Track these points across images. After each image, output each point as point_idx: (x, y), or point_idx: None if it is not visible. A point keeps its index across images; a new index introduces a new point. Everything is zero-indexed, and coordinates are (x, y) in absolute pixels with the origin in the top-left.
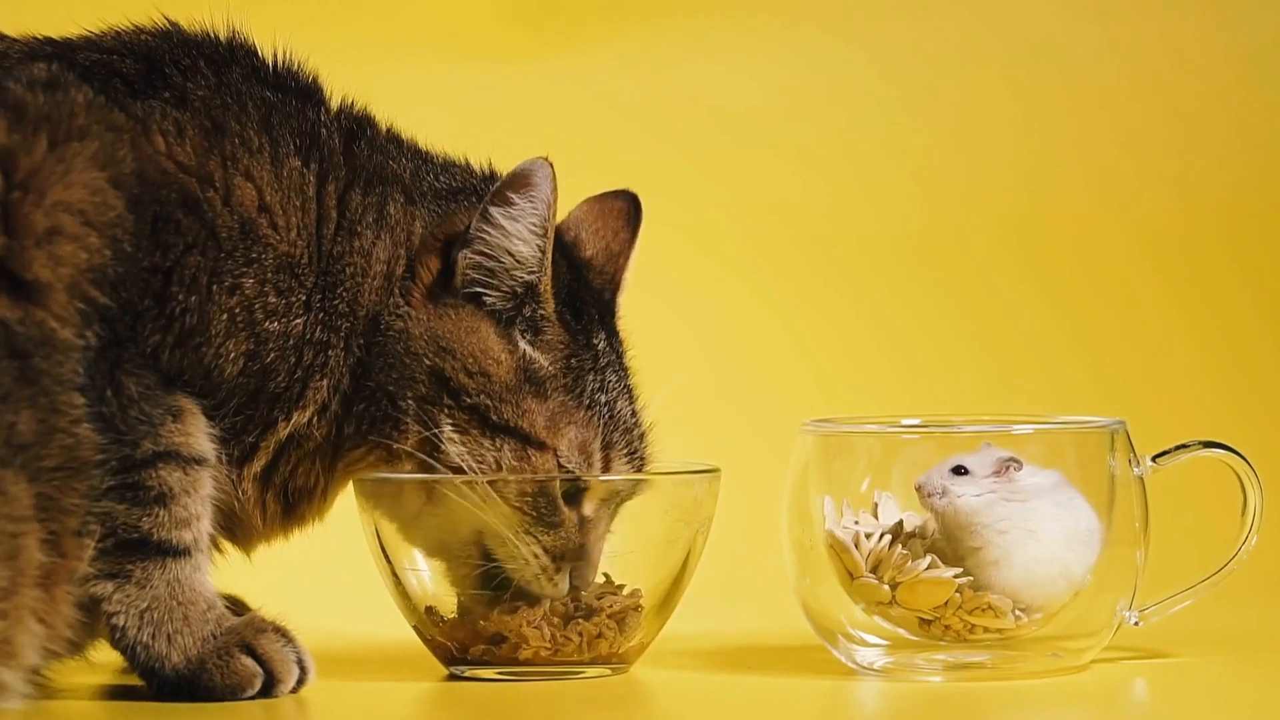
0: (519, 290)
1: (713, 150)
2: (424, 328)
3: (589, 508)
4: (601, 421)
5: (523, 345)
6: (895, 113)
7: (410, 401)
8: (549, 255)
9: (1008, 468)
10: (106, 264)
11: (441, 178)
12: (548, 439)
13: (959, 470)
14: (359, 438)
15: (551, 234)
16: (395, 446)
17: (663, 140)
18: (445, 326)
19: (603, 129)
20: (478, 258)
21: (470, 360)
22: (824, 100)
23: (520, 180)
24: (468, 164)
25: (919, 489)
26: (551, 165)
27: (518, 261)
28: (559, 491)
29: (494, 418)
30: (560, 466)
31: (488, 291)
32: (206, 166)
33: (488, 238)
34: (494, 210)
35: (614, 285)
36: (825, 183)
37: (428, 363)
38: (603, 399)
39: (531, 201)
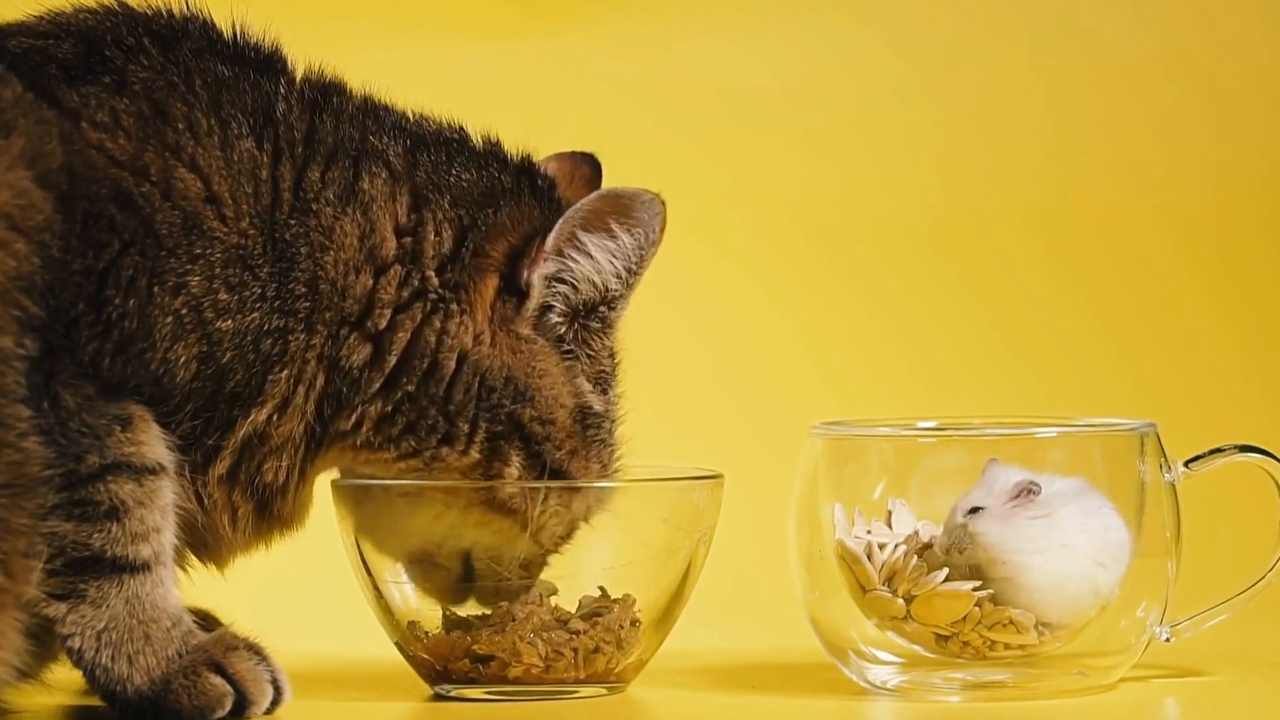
0: (595, 324)
1: (717, 134)
2: (498, 361)
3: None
4: (607, 450)
5: (582, 386)
6: (912, 94)
7: (480, 429)
8: (629, 295)
9: (1028, 492)
10: (35, 271)
11: (465, 174)
12: (582, 477)
13: (975, 511)
14: (388, 442)
15: (642, 276)
16: (453, 464)
17: (664, 124)
18: (520, 366)
19: (600, 112)
20: (561, 287)
21: (545, 410)
22: (837, 81)
23: (623, 209)
24: (495, 149)
25: (947, 551)
26: (664, 204)
27: (602, 296)
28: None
29: (551, 464)
30: None
31: (555, 315)
32: (142, 158)
33: (576, 266)
34: (587, 237)
35: None
36: (837, 169)
37: (508, 406)
38: (609, 427)
39: (636, 239)
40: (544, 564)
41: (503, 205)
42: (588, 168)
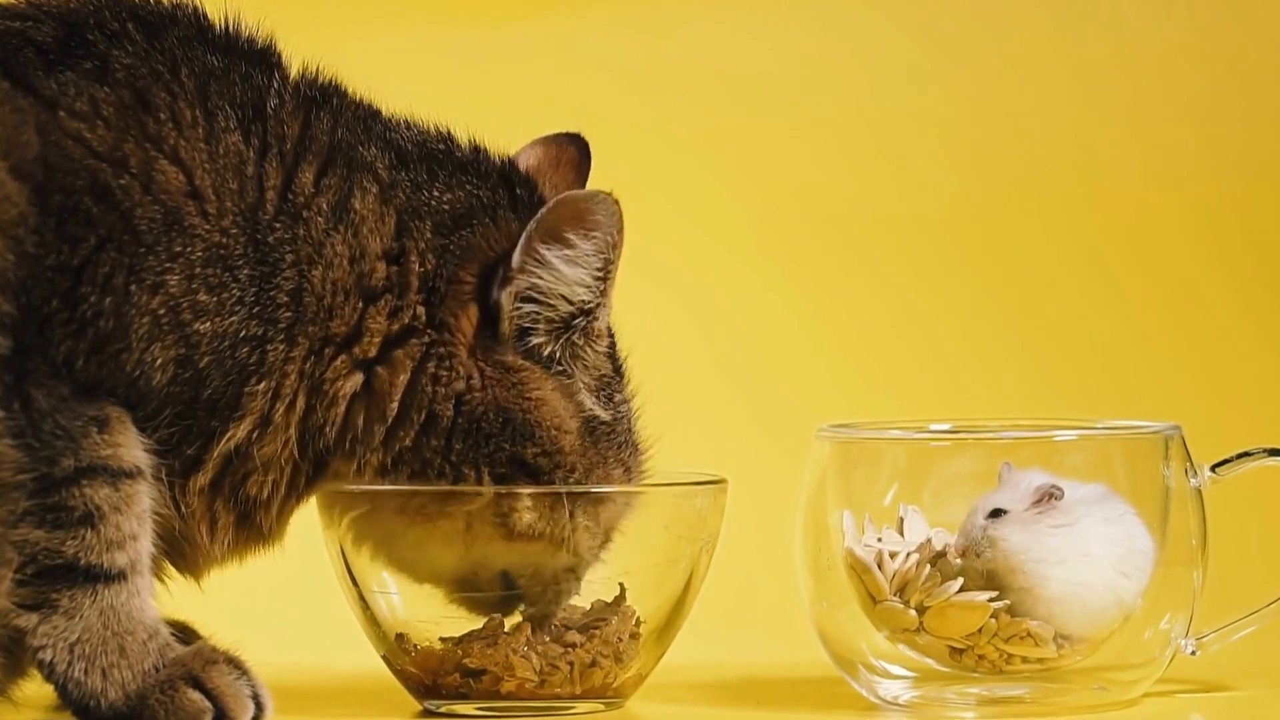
0: (578, 337)
1: (719, 122)
2: (491, 402)
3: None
4: (629, 451)
5: (584, 399)
6: (925, 80)
7: (486, 476)
8: (610, 296)
9: (1050, 496)
10: (8, 267)
11: (446, 194)
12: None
13: (996, 514)
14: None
15: (615, 275)
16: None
17: (663, 111)
18: (514, 400)
19: (597, 98)
20: (528, 306)
21: (548, 442)
22: (845, 65)
23: (578, 215)
24: (477, 158)
25: (963, 554)
26: (618, 202)
27: (577, 309)
28: (616, 526)
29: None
30: None
31: (538, 336)
32: (121, 149)
33: (540, 282)
34: (545, 250)
35: None
36: (845, 158)
37: (508, 448)
38: (625, 428)
39: (595, 243)
40: (589, 565)
41: (476, 225)
42: (574, 149)
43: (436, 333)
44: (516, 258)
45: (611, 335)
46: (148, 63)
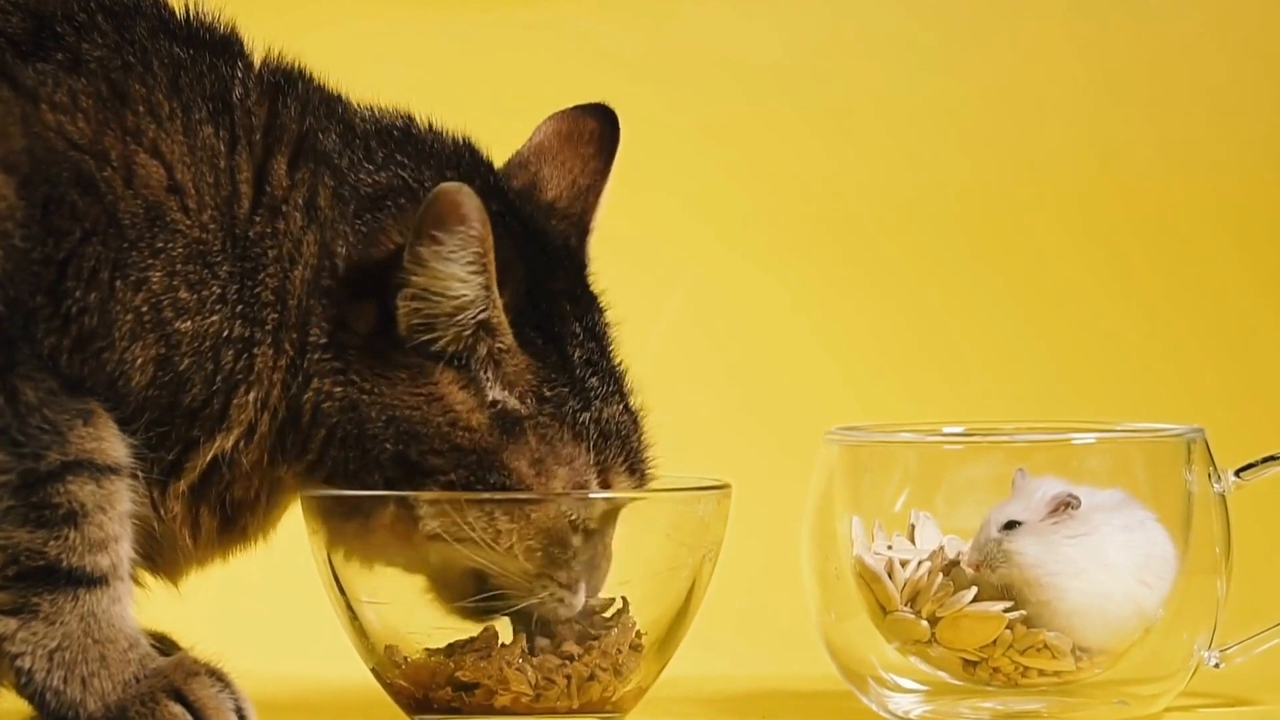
0: (468, 331)
1: (724, 111)
2: (377, 403)
3: (590, 525)
4: (590, 443)
5: (491, 393)
6: (938, 68)
7: (379, 480)
8: (494, 288)
9: (1066, 506)
10: None
11: (370, 174)
12: (538, 488)
13: (1011, 525)
14: (324, 480)
15: (492, 266)
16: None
17: (666, 99)
18: (400, 398)
19: (594, 87)
20: (415, 304)
21: (438, 440)
22: (856, 53)
23: (442, 213)
24: (429, 138)
25: (977, 568)
26: (468, 188)
27: (461, 306)
28: (568, 530)
29: (479, 488)
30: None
31: (434, 335)
32: (102, 142)
33: (420, 280)
34: (422, 249)
35: (581, 229)
36: (855, 150)
37: (389, 448)
38: (587, 417)
39: (460, 237)
40: (588, 569)
41: (387, 211)
42: (595, 121)
43: (340, 333)
44: (406, 255)
45: (590, 326)
46: (120, 55)
